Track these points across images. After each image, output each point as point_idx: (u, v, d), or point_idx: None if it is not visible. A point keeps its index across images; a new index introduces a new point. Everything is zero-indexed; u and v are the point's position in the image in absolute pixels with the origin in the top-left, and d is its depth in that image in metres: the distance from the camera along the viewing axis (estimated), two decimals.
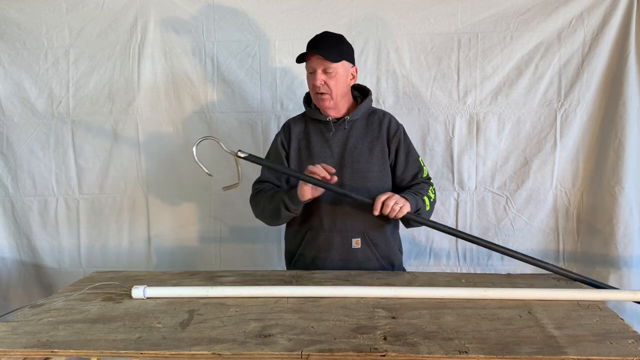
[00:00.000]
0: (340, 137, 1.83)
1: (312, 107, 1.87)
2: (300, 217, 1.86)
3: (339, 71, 1.75)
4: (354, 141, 1.83)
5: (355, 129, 1.84)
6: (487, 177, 2.36)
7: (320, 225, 1.83)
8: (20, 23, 2.35)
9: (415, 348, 1.16)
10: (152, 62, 2.37)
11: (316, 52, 1.73)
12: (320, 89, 1.75)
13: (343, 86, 1.79)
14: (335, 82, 1.75)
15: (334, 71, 1.74)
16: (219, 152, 2.40)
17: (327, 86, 1.75)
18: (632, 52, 2.17)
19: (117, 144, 2.43)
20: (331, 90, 1.75)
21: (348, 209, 1.81)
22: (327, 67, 1.73)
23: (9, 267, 2.55)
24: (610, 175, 2.25)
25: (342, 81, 1.78)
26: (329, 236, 1.82)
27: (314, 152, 1.83)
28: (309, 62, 1.77)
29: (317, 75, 1.74)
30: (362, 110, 1.85)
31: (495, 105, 2.30)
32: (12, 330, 1.30)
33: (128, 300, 1.50)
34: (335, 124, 1.83)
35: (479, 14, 2.25)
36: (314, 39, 1.79)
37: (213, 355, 1.15)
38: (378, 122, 1.85)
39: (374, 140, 1.83)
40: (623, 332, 1.24)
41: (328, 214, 1.82)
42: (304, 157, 1.85)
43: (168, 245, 2.49)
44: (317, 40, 1.78)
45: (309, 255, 1.86)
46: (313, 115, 1.86)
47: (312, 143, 1.85)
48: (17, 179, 2.47)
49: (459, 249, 2.41)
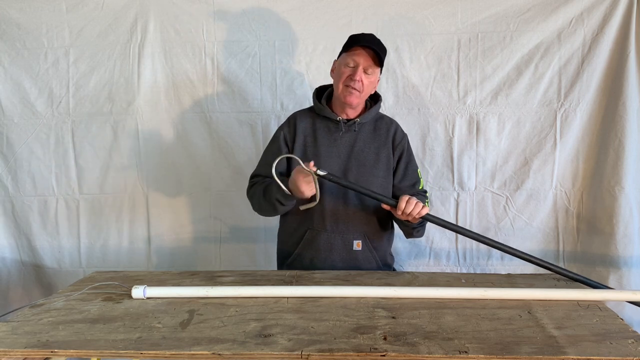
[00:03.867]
0: (348, 139, 1.82)
1: (322, 103, 1.84)
2: (298, 216, 1.83)
3: (376, 75, 1.77)
4: (361, 144, 1.82)
5: (363, 132, 1.83)
6: (487, 177, 2.36)
7: (322, 225, 1.81)
8: (20, 23, 2.35)
9: (415, 348, 1.16)
10: (152, 62, 2.37)
11: (374, 48, 1.70)
12: (356, 84, 1.73)
13: (372, 90, 1.81)
14: (369, 83, 1.76)
15: (373, 73, 1.75)
16: (219, 152, 2.42)
17: (362, 84, 1.73)
18: (632, 52, 2.17)
19: (117, 144, 2.43)
20: (363, 89, 1.75)
21: (350, 211, 1.80)
22: (370, 66, 1.72)
23: (9, 267, 2.55)
24: (610, 175, 2.25)
25: (374, 85, 1.80)
26: (331, 237, 1.81)
27: (321, 151, 1.81)
28: (355, 55, 1.73)
29: (358, 70, 1.72)
30: (372, 115, 1.85)
31: (495, 105, 2.30)
32: (12, 330, 1.30)
33: (128, 300, 1.50)
34: (345, 125, 1.82)
35: (479, 14, 2.25)
36: (364, 35, 1.76)
37: (213, 355, 1.15)
38: (386, 129, 1.85)
39: (380, 146, 1.83)
40: (623, 332, 1.24)
41: (331, 215, 1.80)
42: (310, 155, 1.81)
43: (168, 245, 2.49)
44: (369, 38, 1.75)
45: (308, 255, 1.84)
46: (322, 113, 1.84)
47: (319, 141, 1.82)
48: (17, 179, 2.47)
49: (459, 249, 2.41)
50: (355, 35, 1.77)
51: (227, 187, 2.43)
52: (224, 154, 2.42)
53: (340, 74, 1.76)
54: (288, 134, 1.86)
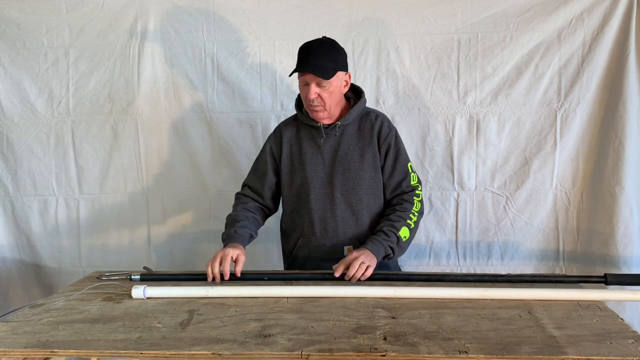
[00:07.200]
0: (331, 143, 1.80)
1: (303, 112, 1.83)
2: (292, 222, 1.88)
3: (333, 84, 1.71)
4: (345, 147, 1.79)
5: (346, 134, 1.80)
6: (487, 177, 2.36)
7: (311, 232, 1.83)
8: (20, 23, 2.35)
9: (415, 348, 1.16)
10: (152, 62, 2.36)
11: (309, 70, 1.67)
12: (314, 102, 1.71)
13: (337, 96, 1.76)
14: (329, 94, 1.71)
15: (328, 85, 1.70)
16: (219, 152, 2.42)
17: (321, 99, 1.71)
18: (632, 52, 2.17)
19: (117, 144, 2.43)
20: (324, 103, 1.72)
21: (339, 217, 1.80)
22: (320, 81, 1.68)
23: (9, 267, 2.55)
24: (610, 175, 2.25)
25: (337, 92, 1.74)
26: (321, 243, 1.82)
27: (306, 159, 1.81)
28: (302, 75, 1.71)
29: (311, 88, 1.69)
30: (354, 115, 1.81)
31: (495, 105, 2.30)
32: (12, 330, 1.30)
33: (128, 300, 1.50)
34: (327, 130, 1.80)
35: (479, 14, 2.25)
36: (305, 52, 1.71)
37: (213, 355, 1.15)
38: (370, 126, 1.81)
39: (365, 146, 1.79)
40: (623, 332, 1.24)
41: (319, 221, 1.81)
42: (296, 164, 1.83)
43: (168, 245, 2.49)
44: (309, 55, 1.69)
45: (302, 260, 1.88)
46: (305, 120, 1.83)
47: (303, 149, 1.82)
48: (17, 179, 2.47)
49: (459, 249, 2.41)
50: (299, 50, 1.73)
51: (227, 187, 2.43)
52: (224, 154, 2.42)
53: (301, 94, 1.77)
54: (274, 145, 1.88)
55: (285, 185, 1.87)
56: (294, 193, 1.85)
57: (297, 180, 1.83)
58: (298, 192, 1.83)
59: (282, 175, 1.86)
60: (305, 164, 1.81)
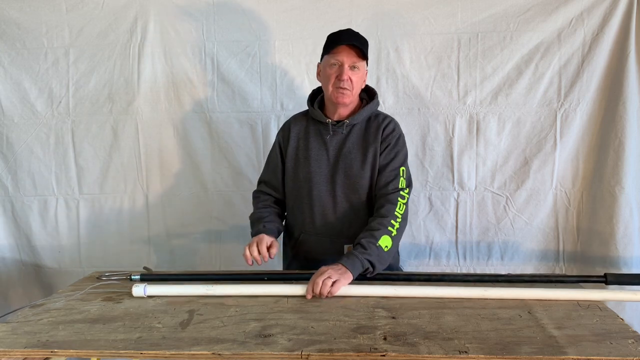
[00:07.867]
0: (337, 141, 1.80)
1: (314, 107, 1.84)
2: (293, 217, 1.88)
3: (362, 69, 1.74)
4: (349, 146, 1.79)
5: (353, 133, 1.80)
6: (487, 177, 2.36)
7: (312, 229, 1.83)
8: (20, 23, 2.35)
9: (415, 348, 1.16)
10: (152, 62, 2.36)
11: (354, 43, 1.69)
12: (345, 84, 1.71)
13: (362, 84, 1.79)
14: (358, 79, 1.73)
15: (360, 68, 1.72)
16: (219, 152, 2.42)
17: (351, 82, 1.71)
18: (632, 52, 2.17)
19: (117, 144, 2.43)
20: (353, 87, 1.73)
21: (339, 214, 1.80)
22: (355, 62, 1.70)
23: (9, 267, 2.55)
24: (610, 175, 2.25)
25: (363, 80, 1.78)
26: (322, 240, 1.82)
27: (311, 155, 1.81)
28: (338, 54, 1.70)
29: (345, 69, 1.70)
30: (364, 115, 1.80)
31: (495, 105, 2.30)
32: (12, 330, 1.30)
33: (128, 300, 1.50)
34: (334, 127, 1.80)
35: (479, 14, 2.25)
36: (340, 35, 1.74)
37: (213, 355, 1.15)
38: (376, 127, 1.79)
39: (369, 145, 1.78)
40: (623, 332, 1.24)
41: (320, 218, 1.81)
42: (302, 158, 1.83)
43: (168, 245, 2.49)
44: (345, 36, 1.73)
45: (302, 257, 1.88)
46: (315, 116, 1.84)
47: (310, 144, 1.82)
48: (17, 179, 2.47)
49: (459, 249, 2.41)
50: (333, 34, 1.76)
51: (227, 187, 2.43)
52: (224, 154, 2.42)
53: (327, 76, 1.74)
54: (282, 139, 1.89)
55: (288, 178, 1.86)
56: (296, 187, 1.84)
57: (300, 175, 1.82)
58: (301, 187, 1.83)
59: (287, 169, 1.86)
60: (311, 159, 1.80)
